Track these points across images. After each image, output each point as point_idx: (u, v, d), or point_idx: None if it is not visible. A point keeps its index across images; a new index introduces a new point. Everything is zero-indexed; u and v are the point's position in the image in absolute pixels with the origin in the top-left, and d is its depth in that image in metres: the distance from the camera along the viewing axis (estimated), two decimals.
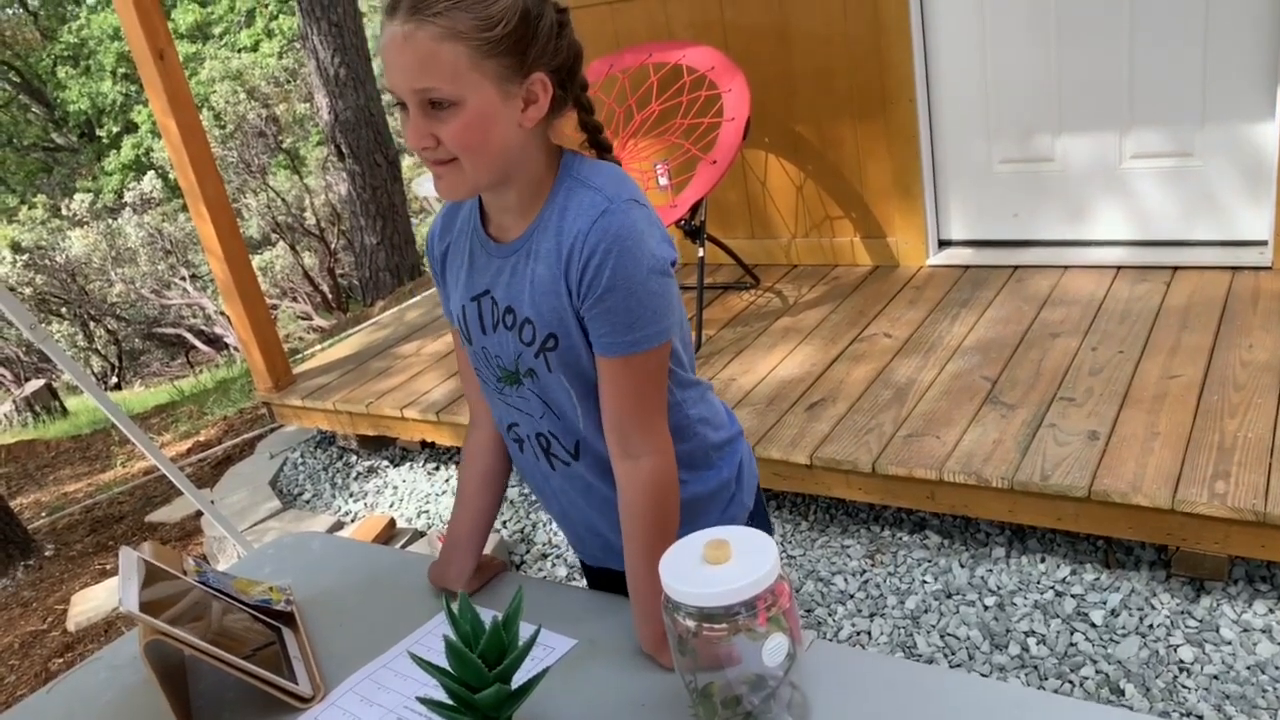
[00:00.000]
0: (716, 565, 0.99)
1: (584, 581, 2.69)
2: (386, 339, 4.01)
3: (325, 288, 11.54)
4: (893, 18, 3.24)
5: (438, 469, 3.43)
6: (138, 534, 4.01)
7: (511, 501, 3.12)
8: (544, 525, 2.97)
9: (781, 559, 1.54)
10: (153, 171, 13.94)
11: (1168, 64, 2.98)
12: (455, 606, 1.08)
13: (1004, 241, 3.46)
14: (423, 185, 3.82)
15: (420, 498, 3.29)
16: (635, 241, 1.07)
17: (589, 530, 1.36)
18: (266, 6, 16.86)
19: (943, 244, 3.57)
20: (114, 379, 12.74)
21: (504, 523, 3.04)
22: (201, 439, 5.06)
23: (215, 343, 12.25)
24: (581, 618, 1.28)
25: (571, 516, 1.36)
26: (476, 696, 1.01)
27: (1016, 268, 3.32)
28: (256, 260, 11.62)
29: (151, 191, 13.05)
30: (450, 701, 1.04)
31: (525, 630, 1.24)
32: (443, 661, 1.03)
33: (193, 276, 12.08)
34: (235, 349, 11.13)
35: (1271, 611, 2.06)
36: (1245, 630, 2.04)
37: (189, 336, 12.46)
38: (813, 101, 3.50)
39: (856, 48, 3.34)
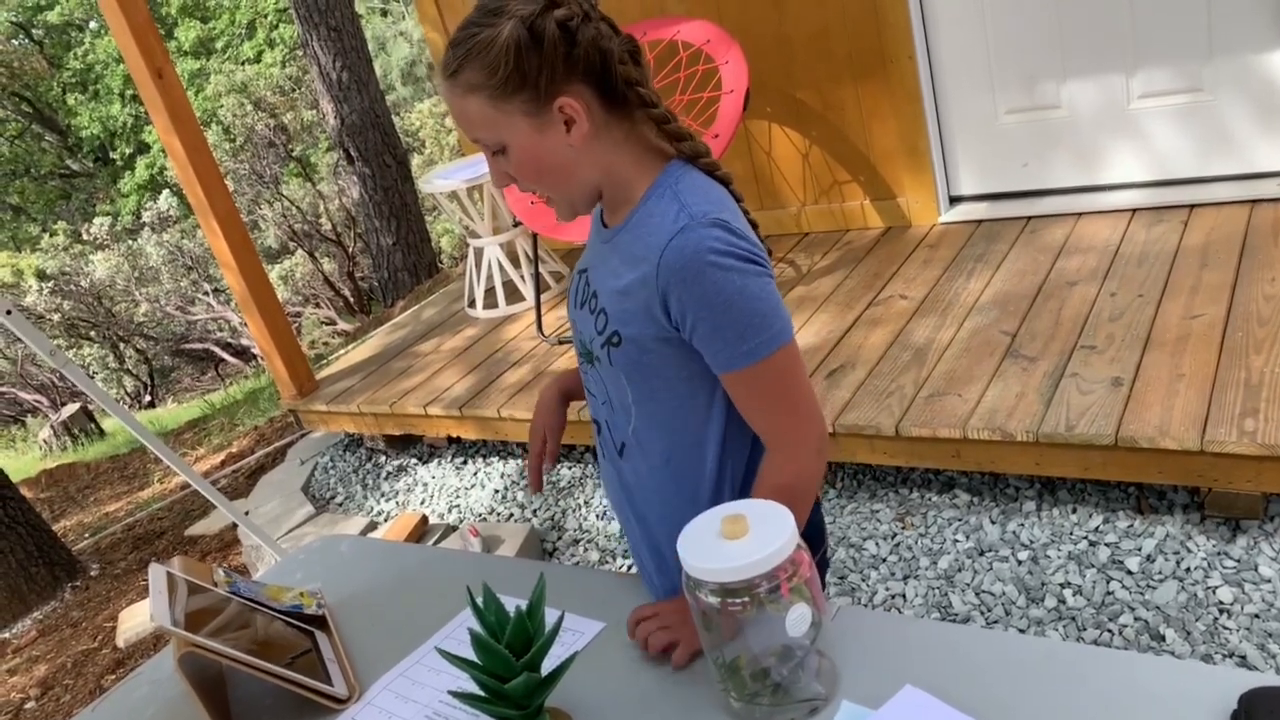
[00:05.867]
0: (734, 540, 0.99)
1: (614, 565, 2.71)
2: (405, 339, 4.03)
3: (347, 291, 11.61)
4: None
5: (465, 463, 3.45)
6: (178, 548, 4.07)
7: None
8: (574, 511, 2.99)
9: None
10: (168, 190, 14.06)
11: None
12: (479, 599, 1.09)
13: (1016, 193, 3.42)
14: (429, 183, 3.83)
15: (450, 493, 3.32)
16: (717, 254, 1.05)
17: (625, 531, 1.37)
18: (266, 17, 16.91)
19: (954, 200, 3.54)
20: (147, 398, 12.91)
21: (534, 511, 3.06)
22: (234, 450, 5.13)
23: (243, 354, 12.38)
24: (607, 600, 1.29)
25: (612, 505, 1.37)
26: (506, 686, 1.02)
27: (1030, 218, 3.28)
28: (276, 269, 11.71)
29: (168, 210, 13.17)
30: (482, 693, 1.05)
31: (551, 617, 1.25)
32: (473, 655, 1.04)
33: (215, 290, 12.20)
34: (263, 359, 11.22)
35: None
36: None
37: (217, 350, 12.60)
38: (812, 66, 3.47)
39: (852, 7, 3.30)
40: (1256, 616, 1.94)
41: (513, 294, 3.91)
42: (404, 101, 14.94)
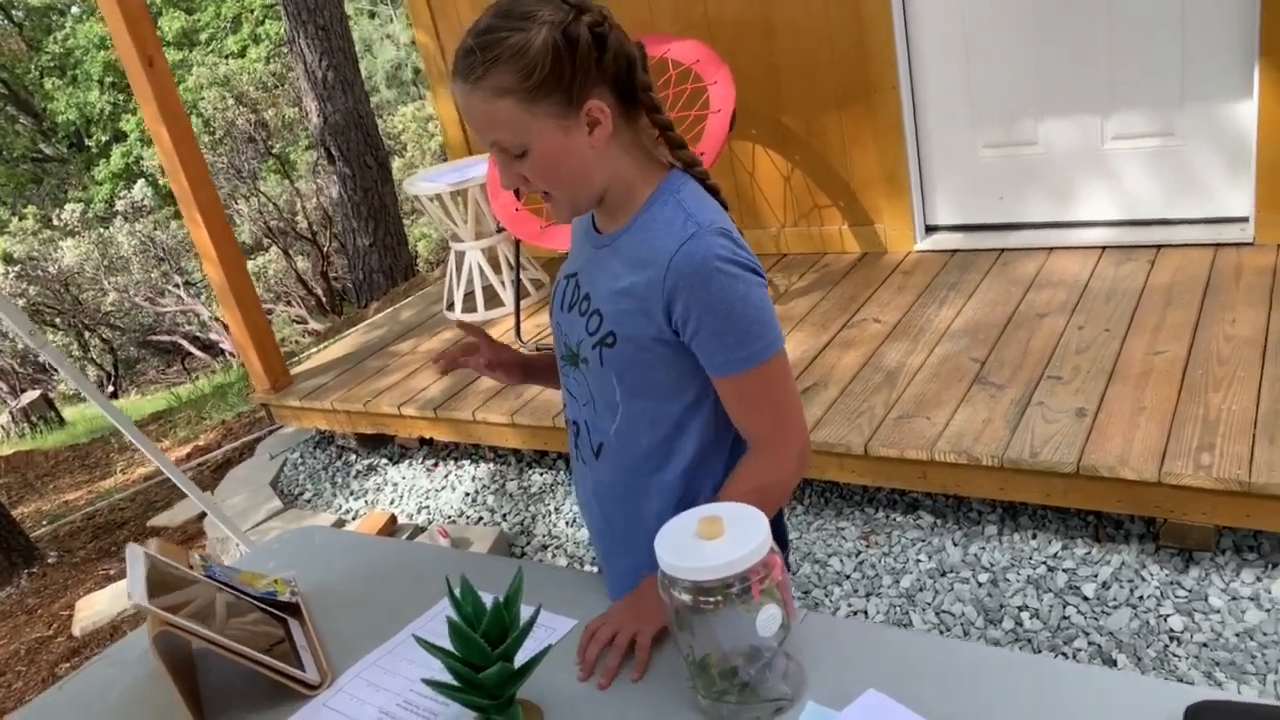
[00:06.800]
0: (710, 540, 1.02)
1: (584, 569, 2.72)
2: (381, 338, 4.04)
3: (319, 291, 11.54)
4: (874, 7, 3.27)
5: (436, 465, 3.46)
6: (140, 539, 4.03)
7: (511, 495, 3.15)
8: (544, 517, 3.00)
9: None
10: (143, 180, 13.93)
11: (1146, 46, 3.02)
12: (458, 590, 1.11)
13: (990, 225, 3.50)
14: (414, 185, 3.85)
15: (420, 494, 3.33)
16: (724, 261, 1.09)
17: (590, 534, 1.40)
18: (252, 12, 16.84)
19: (929, 229, 3.61)
20: (110, 388, 12.74)
21: (504, 515, 3.07)
22: (200, 444, 5.08)
23: (210, 349, 12.26)
24: (579, 599, 1.31)
25: (583, 514, 1.40)
26: (480, 675, 1.04)
27: (1003, 250, 3.36)
28: (250, 265, 11.60)
29: (142, 200, 13.04)
30: (455, 682, 1.07)
31: (525, 612, 1.27)
32: (447, 645, 1.06)
33: (186, 283, 12.08)
34: (231, 354, 11.14)
35: (1259, 580, 2.10)
36: (1234, 598, 2.08)
37: (184, 343, 12.47)
38: (798, 92, 3.54)
39: (839, 38, 3.37)
40: (1205, 645, 2.00)
41: (492, 299, 3.93)
42: (387, 104, 14.93)
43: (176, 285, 12.18)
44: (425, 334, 3.94)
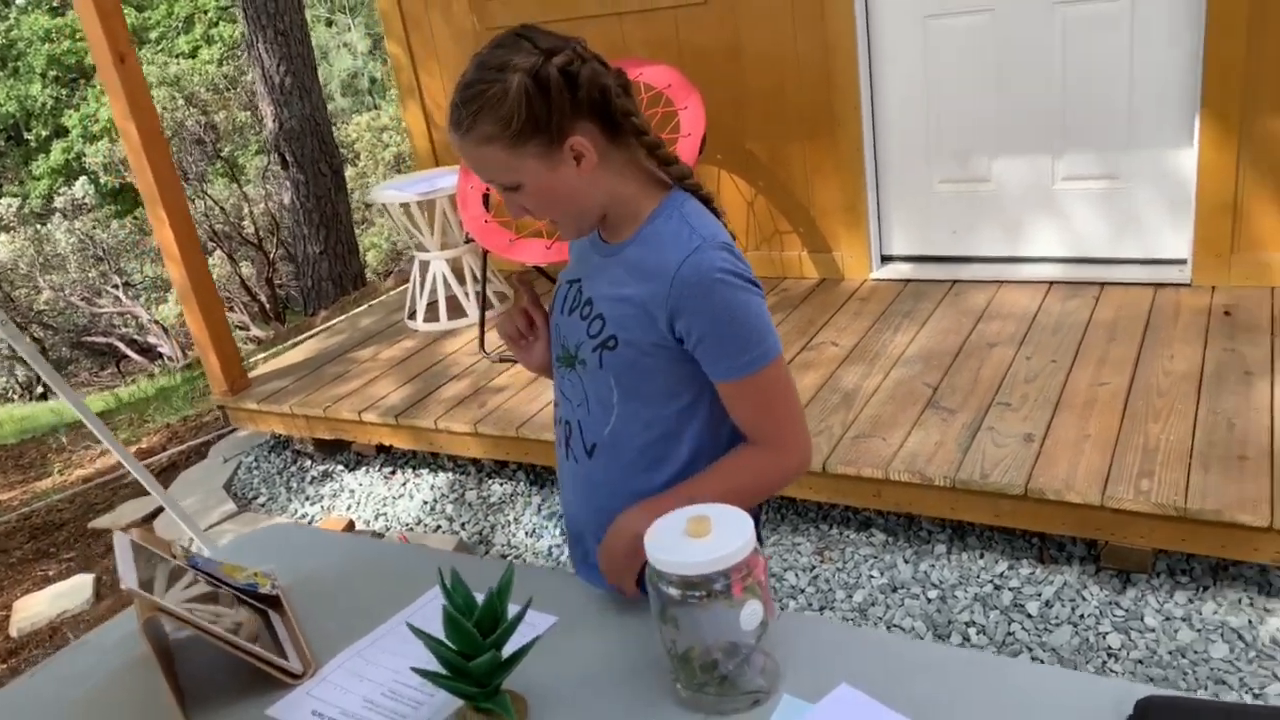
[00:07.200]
0: (698, 538, 1.07)
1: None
2: (341, 345, 4.03)
3: (263, 297, 11.38)
4: (840, 42, 3.39)
5: (394, 473, 3.46)
6: (81, 540, 3.95)
7: (470, 504, 3.17)
8: (503, 527, 3.03)
9: None
10: (85, 177, 13.62)
11: (1096, 94, 3.17)
12: (448, 581, 1.14)
13: (943, 257, 3.62)
14: (382, 193, 3.86)
15: (378, 501, 3.32)
16: (726, 273, 1.16)
17: (575, 534, 1.44)
18: (206, 13, 16.62)
19: (885, 259, 3.73)
20: (39, 388, 12.38)
21: (463, 524, 3.09)
22: (144, 446, 4.99)
23: (148, 352, 11.99)
24: (561, 597, 1.35)
25: (569, 513, 1.44)
26: (471, 664, 1.07)
27: (955, 282, 3.48)
28: None
29: (84, 197, 12.75)
30: (444, 671, 1.10)
31: (512, 608, 1.31)
32: (435, 634, 1.09)
33: (125, 284, 11.82)
34: (170, 358, 10.91)
35: (1191, 601, 2.21)
36: (1167, 619, 2.19)
37: (120, 345, 12.17)
38: (764, 121, 3.63)
39: (806, 70, 3.48)
40: (1140, 662, 2.10)
41: (455, 309, 3.95)
42: (342, 112, 14.82)
43: (115, 286, 11.90)
44: (385, 342, 3.95)
